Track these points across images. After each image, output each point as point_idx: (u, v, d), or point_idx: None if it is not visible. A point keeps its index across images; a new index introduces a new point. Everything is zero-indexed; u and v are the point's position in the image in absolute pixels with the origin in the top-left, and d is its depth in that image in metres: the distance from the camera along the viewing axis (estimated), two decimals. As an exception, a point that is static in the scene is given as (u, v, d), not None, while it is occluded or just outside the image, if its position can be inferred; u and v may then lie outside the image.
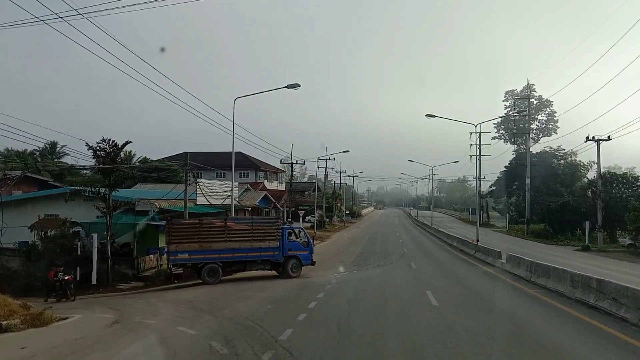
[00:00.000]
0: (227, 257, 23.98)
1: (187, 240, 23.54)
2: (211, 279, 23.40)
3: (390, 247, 41.68)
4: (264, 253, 24.52)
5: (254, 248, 24.28)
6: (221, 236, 23.98)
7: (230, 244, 23.94)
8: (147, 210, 30.36)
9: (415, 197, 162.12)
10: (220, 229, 24.32)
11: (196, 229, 24.09)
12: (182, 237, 23.59)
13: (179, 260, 23.43)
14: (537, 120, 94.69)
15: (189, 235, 23.75)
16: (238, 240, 24.15)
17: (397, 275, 25.27)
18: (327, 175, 66.44)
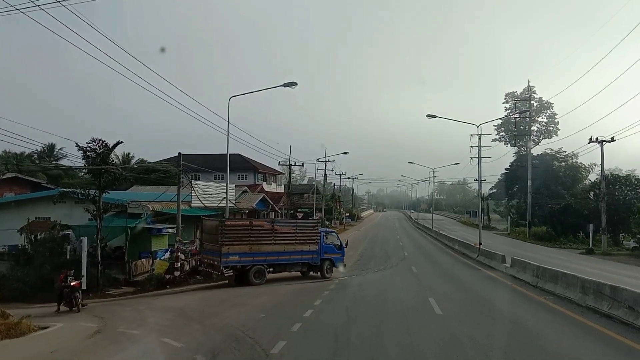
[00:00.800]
0: (273, 259, 23.55)
1: (238, 242, 22.66)
2: (258, 280, 22.74)
3: (391, 250, 40.67)
4: (304, 256, 24.46)
5: (296, 251, 24.14)
6: (269, 239, 23.53)
7: (276, 247, 23.62)
8: (140, 212, 29.42)
9: (415, 200, 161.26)
10: (268, 231, 23.83)
11: (247, 231, 23.35)
12: (234, 239, 22.60)
13: (230, 262, 22.27)
14: (537, 122, 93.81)
15: (240, 237, 22.89)
16: (283, 243, 23.86)
17: (398, 280, 24.27)
18: (326, 177, 65.56)
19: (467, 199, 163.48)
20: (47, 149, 68.15)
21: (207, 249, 23.72)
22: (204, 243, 23.94)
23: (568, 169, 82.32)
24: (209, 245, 23.53)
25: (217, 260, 22.09)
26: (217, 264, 22.14)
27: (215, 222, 24.26)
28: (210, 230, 23.84)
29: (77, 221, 27.85)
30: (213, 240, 22.82)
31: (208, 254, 23.44)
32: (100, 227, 25.41)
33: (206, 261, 23.72)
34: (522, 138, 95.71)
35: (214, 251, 22.49)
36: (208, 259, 23.41)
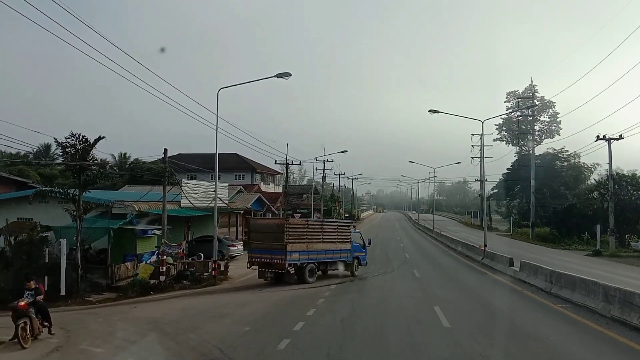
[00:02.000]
0: (321, 257, 23.71)
1: (298, 241, 22.53)
2: (311, 278, 22.79)
3: (391, 252, 38.73)
4: (342, 254, 24.79)
5: (337, 249, 24.50)
6: (319, 237, 23.64)
7: (324, 245, 23.76)
8: (125, 213, 27.53)
9: (415, 200, 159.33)
10: (319, 230, 24.11)
11: (304, 229, 23.42)
12: (295, 237, 22.35)
13: (292, 260, 21.98)
14: (539, 122, 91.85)
15: (300, 235, 22.75)
16: (328, 242, 24.06)
17: (400, 285, 22.34)
18: (325, 177, 63.53)
19: (467, 199, 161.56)
20: (43, 149, 66.77)
21: (261, 247, 22.68)
22: (254, 242, 23.17)
23: (570, 169, 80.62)
24: (263, 244, 22.57)
25: (279, 258, 21.66)
26: (279, 262, 21.67)
27: (272, 220, 25.96)
28: (267, 228, 23.41)
29: (61, 222, 25.97)
30: (272, 238, 22.16)
31: (265, 253, 22.42)
32: (80, 229, 23.54)
33: (259, 260, 22.75)
34: (523, 137, 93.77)
35: (275, 249, 21.88)
36: (265, 257, 22.46)
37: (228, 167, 67.14)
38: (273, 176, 77.25)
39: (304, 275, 22.45)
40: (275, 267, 21.99)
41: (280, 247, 21.59)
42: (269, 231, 22.79)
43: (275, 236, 21.95)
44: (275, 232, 22.15)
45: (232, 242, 33.11)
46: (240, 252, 33.29)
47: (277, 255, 21.75)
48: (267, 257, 22.29)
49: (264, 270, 22.54)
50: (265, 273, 22.53)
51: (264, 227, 23.98)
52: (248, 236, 23.28)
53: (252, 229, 24.21)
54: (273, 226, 23.19)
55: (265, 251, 22.36)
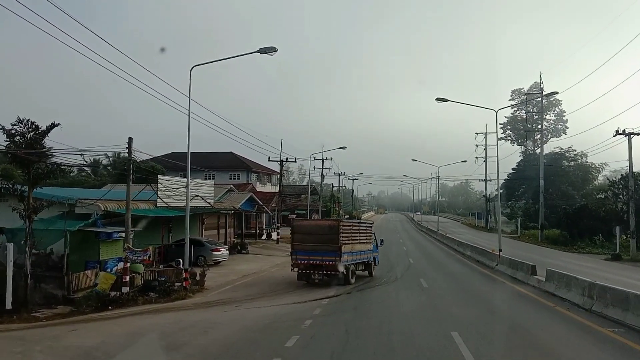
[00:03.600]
0: (359, 258, 23.52)
1: (348, 242, 22.13)
2: (352, 279, 22.42)
3: (393, 256, 34.87)
4: (367, 255, 24.50)
5: (366, 250, 24.25)
6: (357, 238, 23.31)
7: (360, 246, 23.48)
8: (90, 213, 23.79)
9: (416, 202, 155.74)
10: (357, 230, 23.82)
11: (351, 230, 23.03)
12: (346, 238, 21.78)
13: (345, 261, 21.53)
14: (545, 120, 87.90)
15: (348, 236, 22.25)
16: (362, 242, 23.81)
17: (405, 299, 18.52)
18: (323, 176, 59.59)
19: (469, 200, 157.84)
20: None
21: (308, 249, 21.52)
22: (299, 244, 21.82)
23: (577, 169, 76.95)
24: (311, 246, 21.47)
25: (332, 260, 20.97)
26: (331, 264, 20.99)
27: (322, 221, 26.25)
28: (316, 229, 22.31)
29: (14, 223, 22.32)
30: (323, 240, 21.28)
31: (314, 255, 21.38)
32: (30, 231, 19.82)
33: (307, 262, 21.58)
34: (529, 136, 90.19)
35: (327, 251, 21.07)
36: (314, 259, 21.42)
37: (223, 165, 63.60)
38: (270, 176, 73.52)
39: (349, 276, 21.95)
40: (326, 268, 21.15)
41: (334, 249, 20.93)
42: (318, 232, 21.78)
43: (328, 237, 21.14)
44: (328, 233, 21.32)
45: (215, 245, 29.32)
46: (225, 257, 29.52)
47: (330, 256, 20.97)
48: (316, 259, 21.28)
49: (311, 272, 21.48)
50: (312, 275, 21.45)
51: (312, 228, 22.78)
52: (291, 238, 22.32)
53: (297, 230, 22.44)
54: (324, 227, 22.23)
55: (315, 253, 21.30)
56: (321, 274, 21.32)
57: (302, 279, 21.90)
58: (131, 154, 20.19)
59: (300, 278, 21.97)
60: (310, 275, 21.54)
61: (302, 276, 21.89)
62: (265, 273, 26.90)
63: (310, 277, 21.55)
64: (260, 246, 40.18)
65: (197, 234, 33.79)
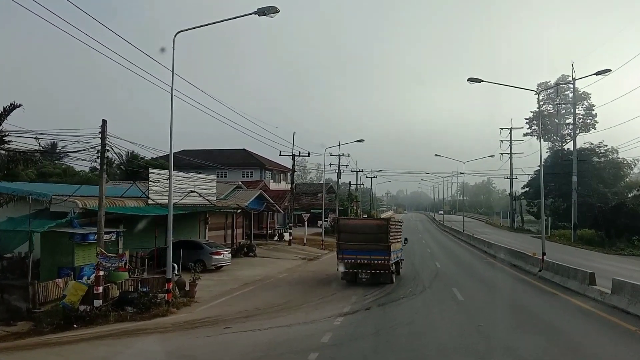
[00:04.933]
0: (397, 257, 22.96)
1: (394, 241, 21.92)
2: (395, 277, 22.21)
3: (418, 260, 30.85)
4: (400, 254, 23.85)
5: (399, 249, 23.47)
6: (396, 236, 22.73)
7: (398, 245, 23.15)
8: (67, 211, 20.36)
9: (436, 201, 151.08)
10: (397, 229, 23.42)
11: (395, 229, 22.84)
12: (393, 237, 21.51)
13: (393, 260, 21.53)
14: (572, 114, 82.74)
15: (394, 235, 22.04)
16: (397, 242, 23.20)
17: (440, 320, 14.55)
18: (340, 173, 55.54)
19: (492, 199, 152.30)
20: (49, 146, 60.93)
21: (355, 248, 20.93)
22: (346, 243, 21.28)
23: (609, 165, 71.91)
24: (359, 245, 20.87)
25: (381, 259, 20.68)
26: (380, 263, 20.68)
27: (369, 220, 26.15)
28: (363, 229, 21.91)
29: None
30: (371, 239, 20.86)
31: (362, 254, 20.82)
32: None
33: (354, 261, 21.00)
34: (556, 132, 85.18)
35: (376, 250, 20.70)
36: (362, 258, 20.85)
37: (236, 163, 60.16)
38: (285, 173, 69.83)
39: (392, 275, 21.73)
40: (375, 267, 20.75)
41: (383, 248, 20.69)
42: (366, 231, 21.40)
43: (377, 236, 20.86)
44: (376, 232, 21.11)
45: (215, 248, 25.62)
46: (227, 261, 25.82)
47: (379, 255, 20.68)
48: (364, 258, 20.81)
49: (358, 272, 21.00)
50: (359, 274, 20.95)
51: (360, 227, 22.39)
52: (337, 237, 22.07)
53: (343, 229, 22.06)
54: (373, 227, 22.16)
55: (363, 252, 20.79)
56: (368, 273, 20.80)
57: (347, 278, 21.39)
58: (105, 139, 16.54)
59: (345, 277, 21.47)
60: (356, 274, 21.05)
61: (347, 275, 21.37)
62: (272, 280, 23.15)
63: (356, 276, 21.06)
64: (270, 248, 36.47)
65: (198, 235, 30.23)
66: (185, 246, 25.35)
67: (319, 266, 29.24)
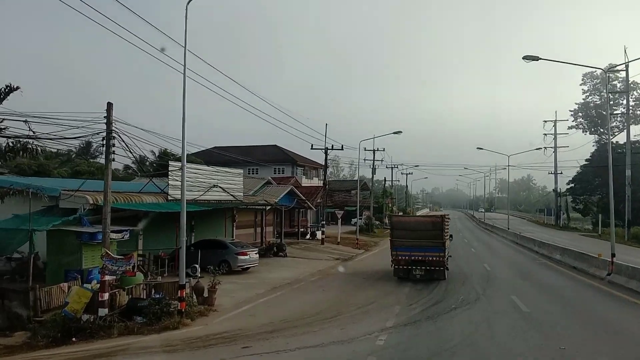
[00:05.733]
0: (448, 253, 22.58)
1: (448, 238, 22.38)
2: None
3: (463, 261, 27.93)
4: (448, 250, 23.04)
5: (448, 247, 22.90)
6: (448, 234, 22.87)
7: (449, 242, 23.10)
8: (77, 207, 18.44)
9: (473, 198, 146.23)
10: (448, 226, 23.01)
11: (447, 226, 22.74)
12: (446, 234, 21.71)
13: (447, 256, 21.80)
14: (621, 106, 77.47)
15: (446, 232, 22.13)
16: (449, 239, 23.24)
17: (507, 339, 11.68)
18: (375, 168, 52.82)
19: (532, 196, 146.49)
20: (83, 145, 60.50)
21: (409, 245, 20.91)
22: (399, 240, 21.15)
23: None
24: (413, 242, 20.84)
25: (436, 255, 20.72)
26: (435, 259, 20.72)
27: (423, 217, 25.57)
28: (417, 225, 21.85)
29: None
30: (426, 236, 20.85)
31: (416, 250, 20.80)
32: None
33: (408, 258, 20.95)
34: (604, 125, 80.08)
35: (430, 247, 20.71)
36: (416, 255, 20.82)
37: (267, 159, 58.09)
38: (317, 170, 67.45)
39: (445, 271, 21.50)
40: (429, 264, 20.74)
41: (438, 245, 20.73)
42: (420, 228, 21.37)
43: (432, 233, 20.92)
44: (431, 229, 21.13)
45: (242, 248, 23.34)
46: (254, 262, 23.52)
47: (434, 252, 20.70)
48: (418, 255, 20.76)
49: (411, 268, 20.91)
50: (413, 271, 20.88)
51: (413, 224, 22.35)
52: (390, 234, 22.07)
53: (396, 226, 22.10)
54: (427, 224, 21.85)
55: (417, 249, 20.80)
56: (422, 270, 20.69)
57: (400, 274, 21.20)
58: (111, 124, 14.39)
59: (397, 274, 21.27)
60: (410, 271, 20.92)
61: (400, 272, 21.20)
62: (302, 284, 20.71)
63: (410, 273, 20.93)
64: (302, 247, 34.08)
65: (224, 233, 28.09)
66: (209, 246, 23.27)
67: (354, 267, 26.67)
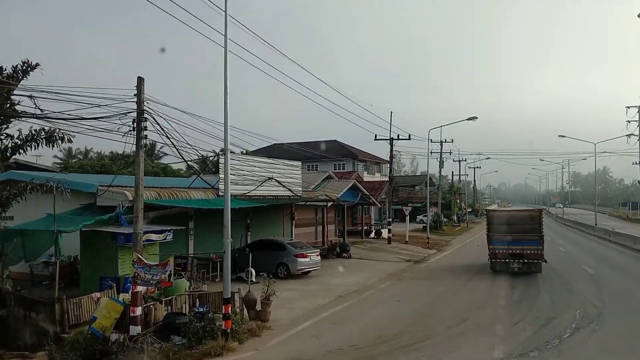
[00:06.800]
0: None
1: None
2: None
3: (557, 263, 23.59)
4: None
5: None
6: None
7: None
8: (115, 205, 16.15)
9: (543, 193, 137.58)
10: None
11: None
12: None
13: None
14: None
15: None
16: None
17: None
18: (442, 162, 48.65)
19: (609, 190, 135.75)
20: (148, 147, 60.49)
21: (506, 239, 21.12)
22: (496, 234, 21.44)
23: None
24: (510, 236, 21.02)
25: (534, 249, 20.61)
26: (533, 253, 20.58)
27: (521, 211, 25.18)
28: (514, 219, 21.93)
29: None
30: (523, 229, 21.03)
31: (514, 244, 20.90)
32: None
33: (506, 252, 21.00)
34: None
35: (529, 240, 20.72)
36: (514, 249, 20.86)
37: (326, 154, 55.57)
38: (379, 165, 63.93)
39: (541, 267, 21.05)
40: (528, 257, 20.70)
41: (537, 238, 20.72)
42: (517, 222, 21.60)
43: (529, 227, 21.04)
44: (529, 223, 21.29)
45: (301, 249, 20.42)
46: (315, 264, 20.54)
47: (532, 245, 20.68)
48: (517, 249, 20.81)
49: (509, 261, 20.89)
50: (511, 264, 20.84)
51: (510, 218, 22.32)
52: (487, 228, 22.09)
53: (493, 220, 22.18)
54: (525, 218, 22.04)
55: (515, 242, 20.90)
56: (520, 263, 20.62)
57: (496, 267, 21.21)
58: (142, 103, 11.80)
59: (494, 267, 21.30)
60: (507, 264, 20.87)
61: (497, 265, 21.22)
62: (372, 292, 17.47)
63: (507, 266, 20.87)
64: (366, 247, 30.83)
65: (282, 233, 25.35)
66: (265, 246, 20.52)
67: (429, 271, 23.19)
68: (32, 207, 15.98)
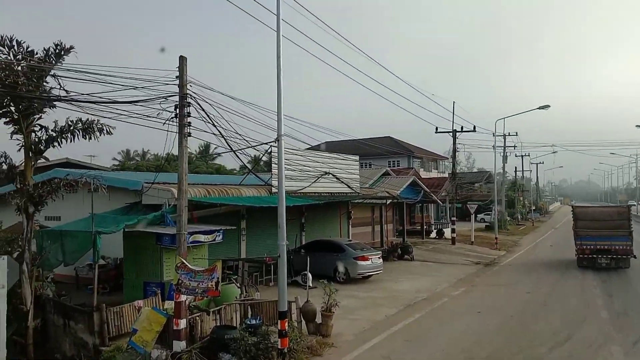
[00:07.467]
0: None
1: None
2: None
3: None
4: None
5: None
6: None
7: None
8: (161, 204, 14.83)
9: (608, 190, 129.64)
10: None
11: None
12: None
13: None
14: None
15: None
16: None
17: None
18: (506, 156, 45.30)
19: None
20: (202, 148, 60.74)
21: (594, 235, 21.02)
22: (584, 230, 21.40)
23: None
24: (598, 232, 20.92)
25: (623, 244, 20.60)
26: (622, 249, 20.61)
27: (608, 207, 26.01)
28: (602, 215, 22.02)
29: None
30: (612, 226, 20.89)
31: (602, 240, 20.86)
32: (29, 234, 11.28)
33: (594, 247, 20.96)
34: None
35: (617, 236, 20.61)
36: (602, 244, 20.83)
37: (382, 150, 53.43)
38: (436, 161, 61.13)
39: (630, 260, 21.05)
40: (616, 253, 20.70)
41: (625, 234, 20.63)
42: (604, 218, 21.58)
43: (617, 223, 21.00)
44: (617, 219, 21.25)
45: (361, 251, 18.50)
46: (378, 268, 18.56)
47: (620, 242, 20.65)
48: (605, 244, 20.83)
49: (596, 257, 20.92)
50: (598, 259, 20.87)
51: (597, 214, 22.49)
52: (574, 224, 21.79)
53: (580, 217, 22.19)
54: (612, 214, 22.08)
55: (603, 238, 20.87)
56: (608, 258, 20.72)
57: (583, 263, 21.35)
58: (184, 86, 10.27)
59: (581, 263, 21.47)
60: (595, 260, 20.95)
61: (584, 261, 21.36)
62: (445, 301, 15.31)
63: (595, 262, 20.93)
64: (429, 248, 28.51)
65: (339, 233, 23.53)
66: (321, 248, 18.78)
67: (504, 275, 20.74)
68: (80, 206, 14.97)
